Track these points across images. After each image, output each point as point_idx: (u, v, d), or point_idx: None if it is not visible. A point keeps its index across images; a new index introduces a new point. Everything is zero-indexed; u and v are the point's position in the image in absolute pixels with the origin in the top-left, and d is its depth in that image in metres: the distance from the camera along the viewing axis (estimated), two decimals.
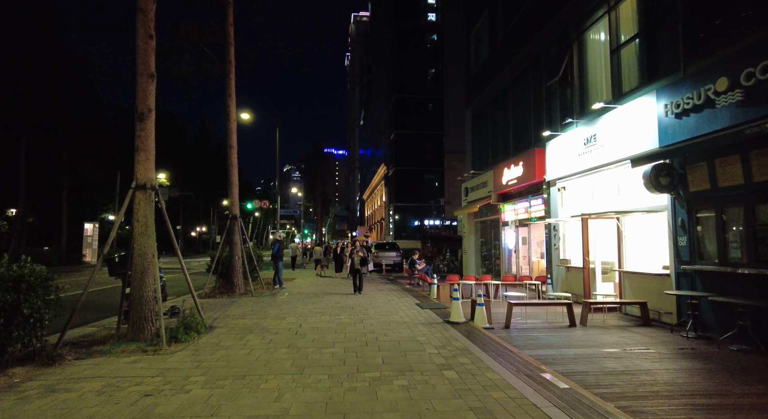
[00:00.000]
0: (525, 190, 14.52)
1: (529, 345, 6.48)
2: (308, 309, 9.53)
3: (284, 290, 13.67)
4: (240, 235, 12.86)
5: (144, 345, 6.01)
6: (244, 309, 9.64)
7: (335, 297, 11.66)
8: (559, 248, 12.40)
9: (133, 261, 6.47)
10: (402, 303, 10.37)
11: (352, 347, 5.93)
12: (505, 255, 16.56)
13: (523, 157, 14.01)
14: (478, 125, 19.94)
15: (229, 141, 13.01)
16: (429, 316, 8.53)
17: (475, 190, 18.77)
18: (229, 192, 12.96)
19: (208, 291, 12.65)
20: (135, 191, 6.50)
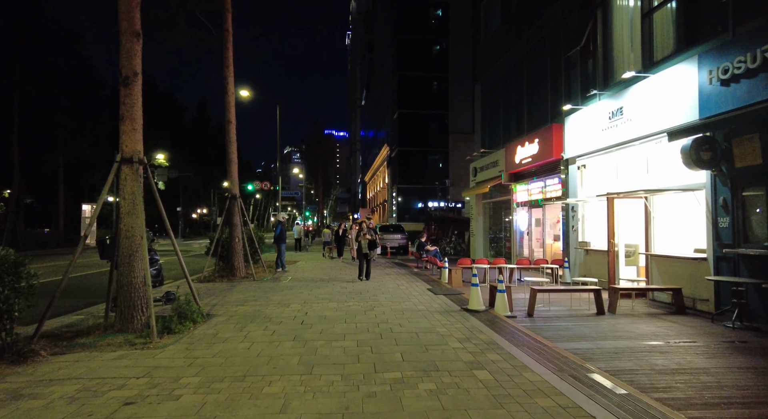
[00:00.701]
0: (540, 168, 13.77)
1: (560, 336, 5.84)
2: (314, 294, 8.91)
3: (287, 273, 13.06)
4: (240, 216, 12.18)
5: (133, 336, 5.38)
6: (245, 294, 9.02)
7: (341, 282, 11.04)
8: (577, 230, 11.71)
9: (119, 243, 5.79)
10: (413, 289, 9.74)
11: (365, 340, 5.29)
12: (517, 238, 15.90)
13: (538, 134, 13.21)
14: (488, 102, 19.04)
15: (228, 115, 12.22)
16: (444, 303, 7.89)
17: (485, 170, 18.00)
18: (228, 170, 12.23)
19: (207, 275, 12.05)
20: (120, 165, 5.78)
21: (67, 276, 5.40)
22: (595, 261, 10.94)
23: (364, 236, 11.24)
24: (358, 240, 11.34)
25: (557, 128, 12.35)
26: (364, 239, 11.21)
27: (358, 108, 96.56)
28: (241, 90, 23.77)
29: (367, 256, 11.27)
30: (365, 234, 11.26)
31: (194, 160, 49.89)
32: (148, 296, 5.62)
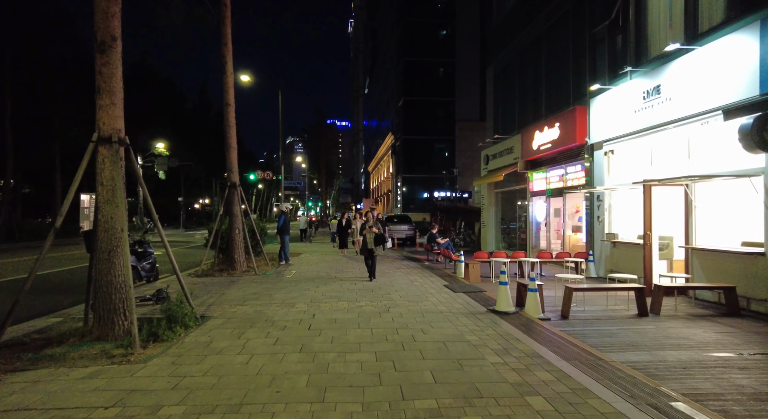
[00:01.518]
0: (560, 155, 12.87)
1: (608, 344, 5.03)
2: (320, 292, 8.11)
3: (291, 267, 12.27)
4: (240, 206, 11.36)
5: (112, 346, 4.60)
6: (246, 291, 8.23)
7: (350, 277, 10.24)
8: (603, 221, 10.85)
9: (97, 237, 4.98)
10: (428, 285, 8.93)
11: (385, 352, 4.49)
12: (533, 229, 15.05)
13: (559, 118, 12.29)
14: (501, 85, 18.05)
15: (226, 98, 11.33)
16: (467, 303, 7.08)
17: (498, 158, 17.09)
18: (227, 156, 11.37)
19: (205, 269, 11.27)
20: (97, 146, 4.95)
21: (34, 274, 4.59)
22: (624, 254, 10.10)
23: (370, 229, 9.58)
24: (363, 233, 9.71)
25: (581, 111, 11.43)
26: (369, 233, 9.57)
27: (361, 97, 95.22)
28: (241, 75, 22.88)
29: (372, 253, 9.66)
30: (371, 227, 9.59)
31: (195, 148, 48.95)
32: (129, 297, 4.80)
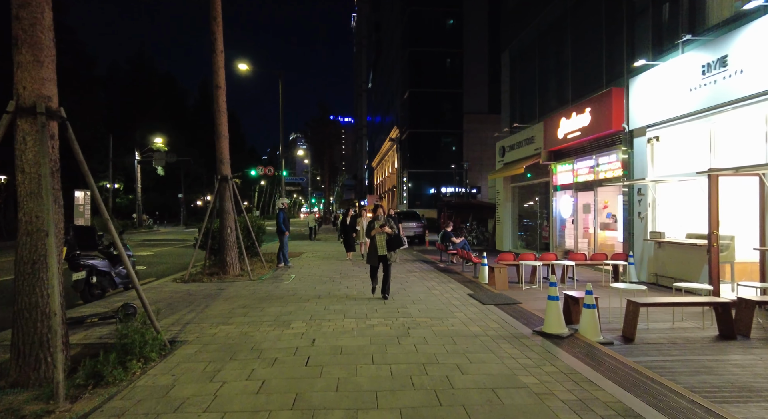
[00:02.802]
0: (590, 144, 11.48)
1: (713, 388, 3.68)
2: (323, 304, 6.79)
3: (290, 270, 10.97)
4: (232, 202, 10.05)
5: (31, 396, 3.29)
6: (234, 302, 6.92)
7: (356, 282, 8.92)
8: (646, 218, 9.47)
9: (18, 242, 3.66)
10: (450, 294, 7.60)
11: (414, 409, 3.14)
12: (557, 226, 13.68)
13: (590, 102, 10.89)
14: (519, 70, 16.63)
15: (216, 80, 10.00)
16: (502, 320, 5.74)
17: (516, 149, 15.70)
18: (217, 146, 10.06)
19: (194, 273, 9.98)
20: (15, 117, 3.61)
21: None
22: (671, 256, 8.73)
23: (381, 229, 7.17)
24: (372, 235, 7.32)
25: (617, 93, 10.03)
26: (380, 234, 7.22)
27: (364, 92, 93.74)
28: (239, 63, 21.56)
29: (386, 261, 7.22)
30: (383, 226, 7.18)
31: (196, 144, 47.71)
32: (54, 329, 3.44)
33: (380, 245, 7.24)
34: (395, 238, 7.29)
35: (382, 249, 7.23)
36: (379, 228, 7.23)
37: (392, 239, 7.26)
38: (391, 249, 7.25)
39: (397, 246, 7.31)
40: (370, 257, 7.37)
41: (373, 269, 7.49)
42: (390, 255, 7.23)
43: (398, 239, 7.32)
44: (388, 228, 7.22)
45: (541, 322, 5.64)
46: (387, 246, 7.21)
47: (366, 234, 7.35)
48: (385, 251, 7.21)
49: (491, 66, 37.53)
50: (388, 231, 7.21)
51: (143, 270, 11.87)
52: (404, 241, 7.94)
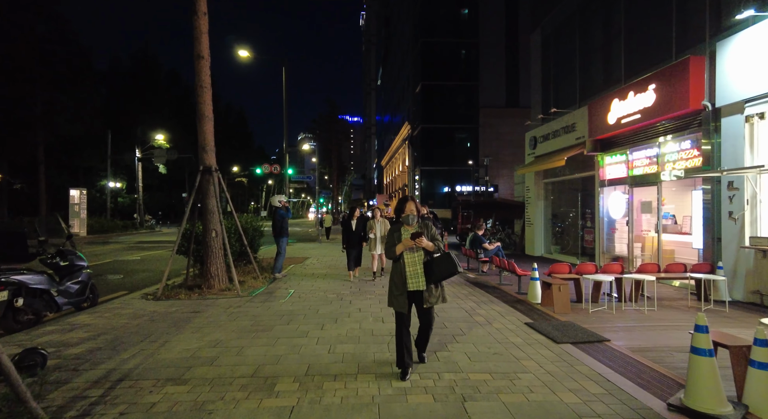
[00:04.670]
0: (653, 129, 9.44)
1: None
2: (326, 342, 4.84)
3: (289, 281, 9.06)
4: (217, 199, 8.17)
5: None
6: (205, 337, 5.00)
7: (372, 303, 6.97)
8: (742, 218, 7.40)
9: None
10: (500, 322, 5.62)
11: None
12: (603, 229, 11.63)
13: (656, 78, 8.84)
14: (553, 51, 14.58)
15: (197, 47, 8.11)
16: (602, 377, 3.75)
17: (552, 139, 13.67)
18: (198, 129, 8.17)
19: (172, 285, 8.12)
20: None
21: None
22: None
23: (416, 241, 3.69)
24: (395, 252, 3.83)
25: (696, 63, 7.98)
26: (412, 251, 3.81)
27: (374, 91, 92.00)
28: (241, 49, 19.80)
29: (423, 304, 3.80)
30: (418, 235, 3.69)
31: None
32: None
33: (412, 272, 3.73)
34: (443, 259, 3.76)
35: (417, 280, 3.73)
36: (411, 240, 3.70)
37: (438, 261, 3.76)
38: (435, 279, 3.76)
39: (446, 274, 3.76)
40: (394, 295, 3.81)
41: (401, 317, 3.80)
42: (432, 294, 3.78)
43: (448, 261, 3.75)
44: (426, 239, 3.72)
45: (659, 378, 3.66)
46: (427, 274, 3.75)
47: (388, 250, 3.89)
48: (421, 284, 3.73)
49: (509, 57, 35.45)
50: (426, 244, 3.70)
51: (118, 279, 10.05)
52: (458, 264, 3.78)
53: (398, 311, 3.81)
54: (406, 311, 3.77)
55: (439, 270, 3.75)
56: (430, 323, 3.90)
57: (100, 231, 29.94)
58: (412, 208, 3.91)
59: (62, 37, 25.92)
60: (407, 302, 3.78)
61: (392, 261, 3.90)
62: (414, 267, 3.75)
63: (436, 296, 3.81)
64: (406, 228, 3.87)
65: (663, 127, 9.14)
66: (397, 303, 3.79)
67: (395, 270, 3.84)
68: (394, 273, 3.86)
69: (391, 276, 3.90)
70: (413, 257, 3.78)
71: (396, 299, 3.80)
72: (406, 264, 3.77)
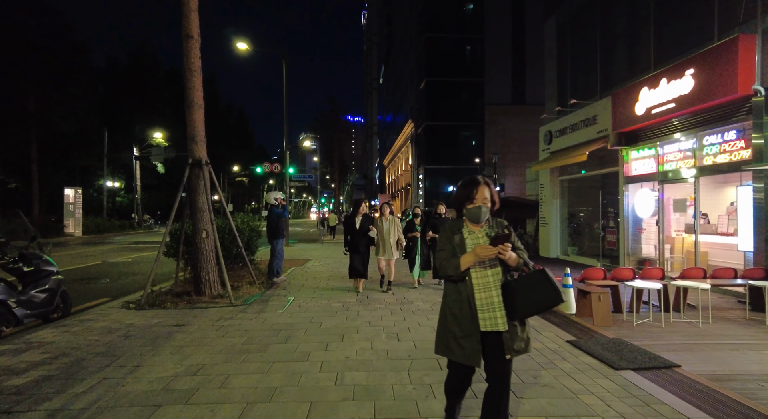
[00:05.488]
0: (689, 119, 8.57)
1: None
2: (333, 367, 4.00)
3: (286, 289, 8.21)
4: (207, 195, 7.31)
5: None
6: (185, 360, 4.15)
7: (383, 314, 6.11)
8: None
9: None
10: (539, 342, 4.70)
11: None
12: (628, 229, 10.76)
13: (694, 62, 7.96)
14: (570, 38, 13.70)
15: (186, 26, 7.25)
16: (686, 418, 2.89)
17: (569, 133, 12.79)
18: (188, 118, 7.32)
19: (156, 293, 7.26)
20: None
21: None
22: None
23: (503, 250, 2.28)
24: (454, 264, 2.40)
25: (747, 43, 7.12)
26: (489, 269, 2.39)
27: (375, 90, 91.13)
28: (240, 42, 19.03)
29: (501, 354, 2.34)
30: (501, 241, 2.27)
31: None
32: None
33: (486, 301, 2.36)
34: (536, 280, 2.31)
35: (493, 315, 2.34)
36: (493, 247, 2.28)
37: (526, 283, 2.33)
38: (524, 312, 2.34)
39: (542, 305, 2.30)
40: (452, 338, 2.41)
41: (460, 373, 2.48)
42: (516, 337, 2.36)
43: (545, 283, 2.28)
44: (511, 251, 2.33)
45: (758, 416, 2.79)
46: (509, 303, 2.34)
47: (444, 263, 2.46)
48: (500, 321, 2.33)
49: (515, 53, 34.55)
50: (511, 257, 2.31)
51: (102, 284, 9.20)
52: (560, 292, 2.26)
53: (458, 363, 2.39)
54: (473, 363, 2.33)
55: (530, 298, 2.27)
56: (506, 384, 2.36)
57: (96, 231, 29.15)
58: (485, 194, 2.40)
59: (56, 32, 25.09)
60: (477, 349, 2.33)
61: (445, 280, 2.53)
62: (488, 292, 2.34)
63: (521, 340, 2.35)
64: (471, 229, 2.46)
65: (702, 116, 8.26)
66: (460, 351, 2.34)
67: (454, 296, 2.42)
68: (451, 302, 2.43)
69: (446, 307, 2.47)
70: (487, 276, 2.35)
71: (457, 344, 2.35)
72: (476, 287, 2.35)
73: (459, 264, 2.35)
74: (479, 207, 2.40)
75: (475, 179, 2.46)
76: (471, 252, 2.34)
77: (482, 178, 2.45)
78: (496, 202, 2.48)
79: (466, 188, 2.45)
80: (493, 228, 2.47)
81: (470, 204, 2.43)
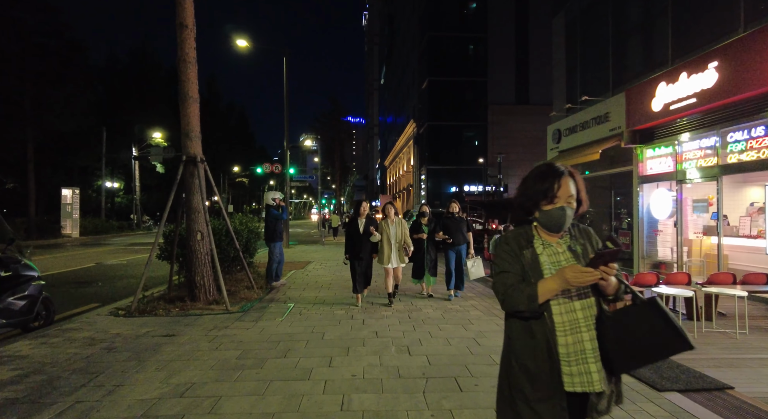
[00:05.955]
0: (711, 115, 8.12)
1: None
2: (337, 383, 3.56)
3: (286, 294, 7.76)
4: (201, 194, 6.87)
5: None
6: (171, 378, 3.71)
7: (391, 322, 5.66)
8: None
9: None
10: None
11: None
12: (643, 231, 10.30)
13: (719, 54, 7.53)
14: (580, 34, 13.28)
15: (180, 15, 6.82)
16: None
17: (580, 131, 12.35)
18: (182, 112, 6.90)
19: (147, 298, 6.84)
20: None
21: None
22: None
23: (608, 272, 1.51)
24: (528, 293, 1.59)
25: None
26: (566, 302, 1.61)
27: (376, 90, 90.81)
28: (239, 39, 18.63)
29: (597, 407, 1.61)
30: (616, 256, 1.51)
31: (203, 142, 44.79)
32: None
33: (575, 346, 1.59)
34: (647, 316, 1.54)
35: (585, 368, 1.57)
36: (593, 267, 1.51)
37: (632, 320, 1.56)
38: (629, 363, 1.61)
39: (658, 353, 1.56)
40: (522, 399, 1.62)
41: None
42: (604, 395, 1.61)
43: (664, 324, 1.50)
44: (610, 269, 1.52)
45: None
46: (606, 348, 1.58)
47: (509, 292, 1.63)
48: (595, 377, 1.57)
49: (518, 52, 34.19)
50: (611, 283, 1.57)
51: (94, 288, 8.76)
52: (685, 334, 1.50)
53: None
54: None
55: (639, 342, 1.55)
56: None
57: (94, 232, 28.75)
58: (570, 190, 1.65)
59: (53, 30, 24.69)
60: (561, 415, 1.58)
61: (509, 315, 1.72)
62: (577, 334, 1.59)
63: (609, 395, 1.63)
64: (546, 240, 1.70)
65: (727, 111, 7.81)
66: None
67: (524, 341, 1.66)
68: (519, 349, 1.66)
69: (511, 356, 1.69)
70: (575, 311, 1.60)
71: (531, 412, 1.60)
72: (559, 327, 1.60)
73: (535, 293, 1.56)
74: (563, 209, 1.64)
75: (555, 168, 1.69)
76: (556, 275, 1.56)
77: (565, 167, 1.70)
78: (584, 200, 1.70)
79: (544, 180, 1.66)
80: (576, 239, 1.71)
81: (548, 204, 1.65)
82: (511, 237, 1.74)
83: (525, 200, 1.71)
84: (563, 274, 1.53)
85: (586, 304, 1.60)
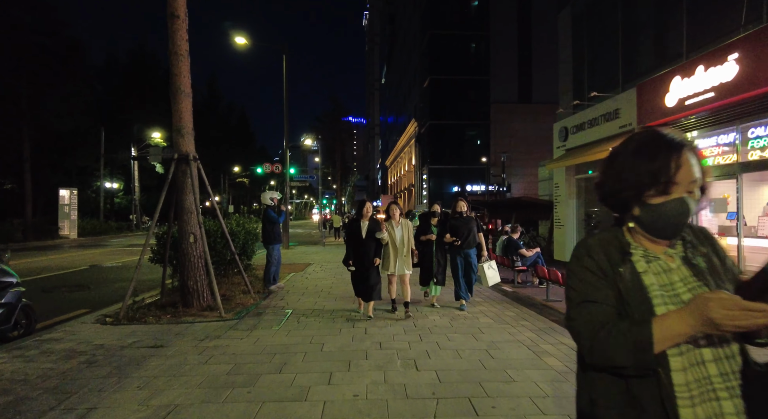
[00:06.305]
0: (730, 110, 7.73)
1: None
2: (337, 405, 3.19)
3: (284, 299, 7.39)
4: (193, 194, 6.50)
5: None
6: (152, 400, 3.31)
7: (396, 330, 5.29)
8: None
9: None
10: None
11: None
12: None
13: (740, 45, 7.16)
14: (587, 29, 12.90)
15: (171, 5, 6.44)
16: None
17: (588, 129, 11.97)
18: (173, 107, 6.54)
19: (138, 305, 6.47)
20: None
21: None
22: None
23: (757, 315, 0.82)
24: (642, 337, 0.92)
25: None
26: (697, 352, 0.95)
27: (377, 90, 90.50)
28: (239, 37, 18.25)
29: None
30: None
31: (201, 141, 44.57)
32: None
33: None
34: None
35: None
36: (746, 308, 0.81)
37: None
38: None
39: None
40: None
41: None
42: None
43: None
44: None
45: None
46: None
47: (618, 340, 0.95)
48: None
49: (521, 50, 33.76)
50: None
51: (83, 293, 8.40)
52: None
53: None
54: None
55: None
56: None
57: (92, 233, 28.43)
58: (693, 174, 1.03)
59: (50, 28, 24.35)
60: None
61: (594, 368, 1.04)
62: (711, 402, 0.94)
63: None
64: (651, 251, 1.08)
65: (747, 106, 7.42)
66: None
67: (620, 409, 1.00)
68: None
69: None
70: (703, 363, 0.95)
71: None
72: (680, 392, 0.94)
73: (649, 338, 0.92)
74: (683, 201, 1.02)
75: (668, 138, 1.05)
76: (690, 310, 0.90)
77: (682, 136, 1.07)
78: (706, 188, 1.09)
79: (654, 157, 1.03)
80: (695, 248, 1.09)
81: (659, 196, 1.03)
82: (595, 246, 1.09)
83: (621, 188, 1.07)
84: (704, 310, 0.86)
85: (723, 354, 0.96)
